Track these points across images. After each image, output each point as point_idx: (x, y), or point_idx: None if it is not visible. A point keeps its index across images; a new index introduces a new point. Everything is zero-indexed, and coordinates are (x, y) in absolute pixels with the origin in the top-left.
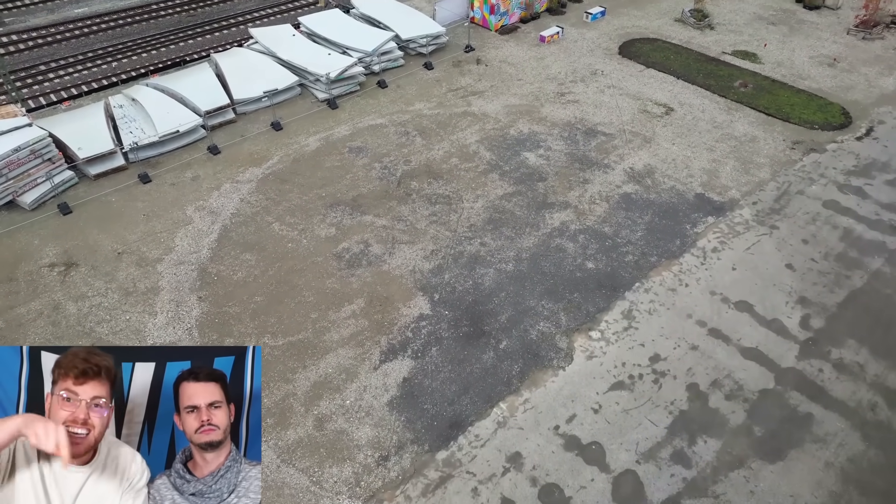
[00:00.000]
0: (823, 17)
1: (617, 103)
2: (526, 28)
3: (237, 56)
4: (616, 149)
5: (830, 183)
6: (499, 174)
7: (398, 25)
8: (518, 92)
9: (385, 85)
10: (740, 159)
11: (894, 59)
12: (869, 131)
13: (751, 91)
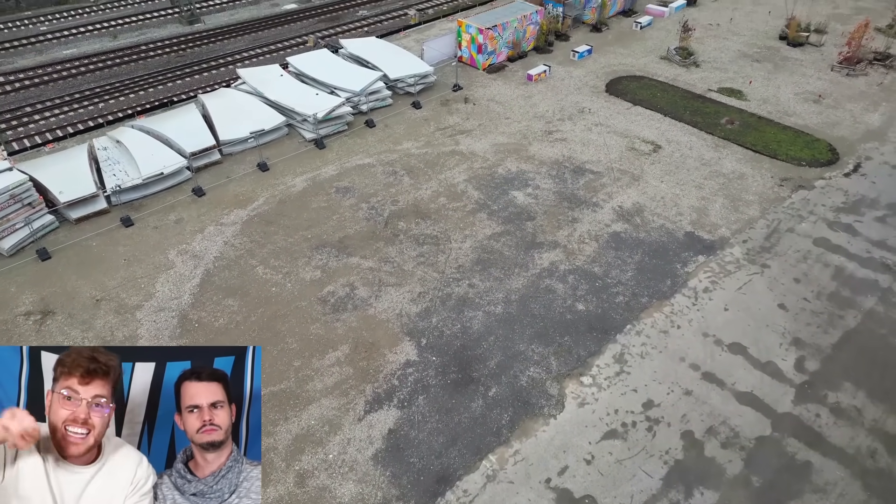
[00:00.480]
0: (807, 54)
1: (605, 141)
2: (513, 67)
3: (224, 96)
4: (604, 187)
5: (820, 220)
6: (487, 213)
7: (386, 65)
8: (506, 130)
9: (373, 124)
10: (729, 197)
11: (878, 95)
12: (856, 167)
13: (738, 128)
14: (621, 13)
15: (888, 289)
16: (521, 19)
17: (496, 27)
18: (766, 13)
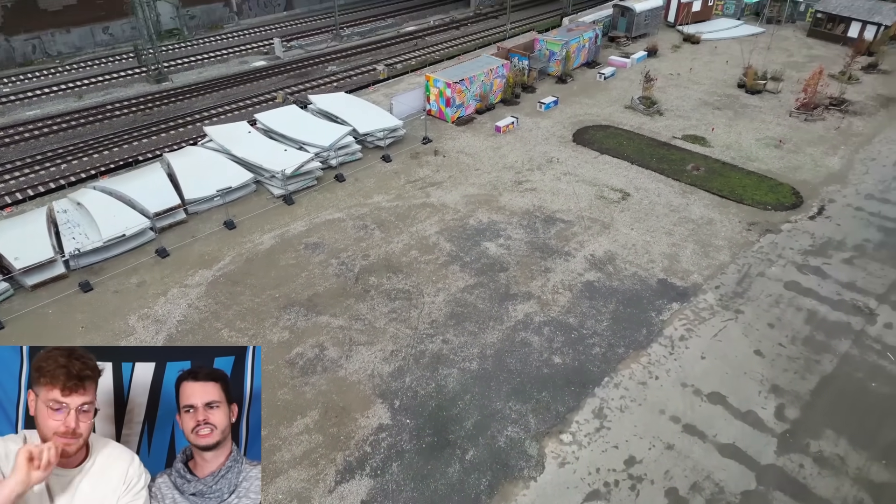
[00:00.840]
0: (765, 100)
1: (574, 190)
2: (482, 119)
3: (190, 155)
4: (576, 236)
5: (789, 264)
6: (459, 266)
7: (355, 120)
8: (476, 181)
9: (343, 179)
10: (699, 242)
11: (836, 139)
12: (821, 210)
13: (703, 174)
14: (585, 65)
15: (861, 331)
16: (487, 73)
17: (464, 81)
18: (724, 62)
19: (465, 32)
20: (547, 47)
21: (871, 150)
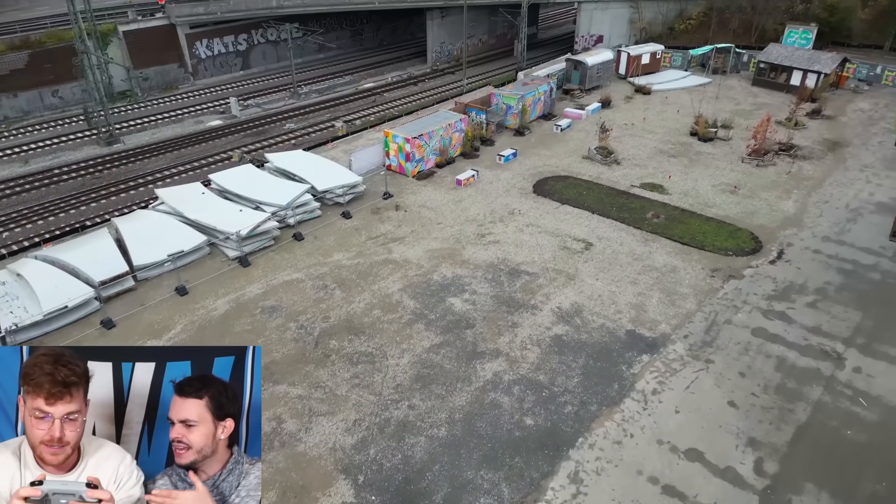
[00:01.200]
0: (718, 147)
1: (537, 241)
2: (442, 172)
3: (140, 219)
4: (541, 288)
5: (755, 309)
6: (424, 324)
7: (313, 177)
8: (439, 236)
9: (301, 237)
10: (664, 291)
11: (789, 183)
12: (780, 254)
13: (663, 221)
14: (541, 117)
15: (831, 377)
16: (446, 127)
17: (423, 136)
18: (676, 112)
19: (422, 88)
20: (503, 101)
21: (824, 193)
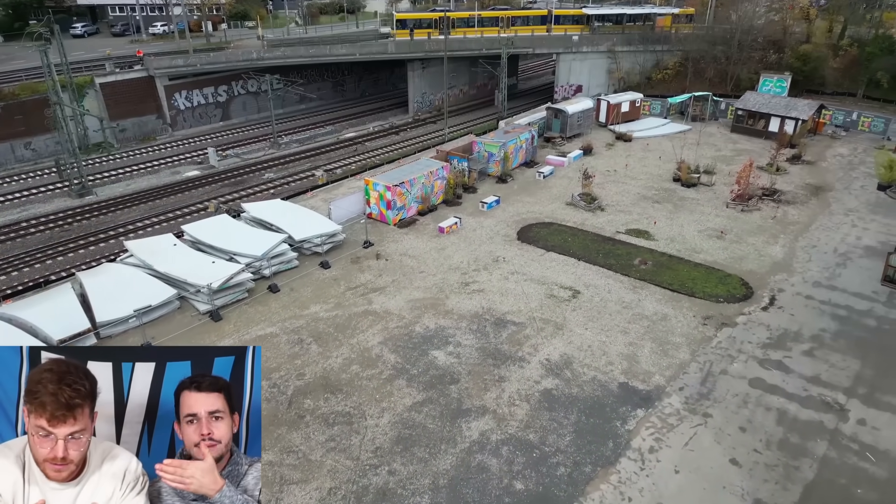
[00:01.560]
0: (701, 193)
1: (523, 290)
2: (424, 220)
3: (106, 272)
4: (528, 339)
5: (751, 359)
6: (406, 379)
7: (291, 226)
8: (421, 285)
9: (277, 289)
10: (656, 340)
11: (775, 228)
12: (772, 301)
13: (651, 268)
14: (524, 164)
15: (836, 430)
16: (427, 175)
17: (404, 184)
18: (657, 158)
19: (404, 137)
20: (485, 149)
21: (811, 238)
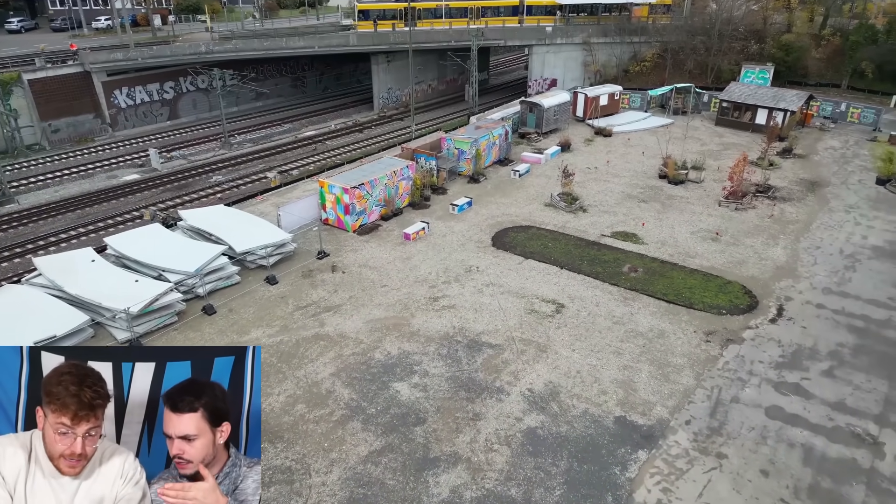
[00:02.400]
0: (690, 190)
1: (500, 304)
2: (388, 226)
3: (4, 296)
4: (507, 364)
5: (764, 382)
6: (361, 421)
7: (233, 236)
8: (383, 301)
9: (213, 311)
10: (655, 362)
11: (772, 227)
12: (780, 312)
13: (642, 276)
14: (497, 162)
15: (872, 470)
16: (391, 175)
17: (363, 185)
18: (640, 154)
19: (368, 135)
20: (455, 146)
21: (813, 238)
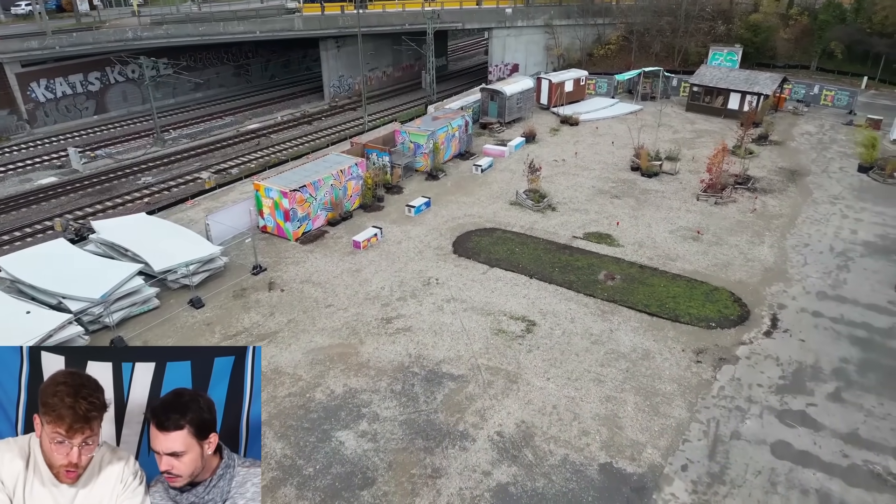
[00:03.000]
0: (665, 183)
1: (462, 324)
2: (335, 232)
3: None
4: (472, 400)
5: (766, 411)
6: (296, 485)
7: (153, 252)
8: (327, 325)
9: (123, 344)
10: (641, 390)
11: (757, 223)
12: (774, 322)
13: (620, 284)
14: (458, 156)
15: None
16: (337, 174)
17: (305, 187)
18: (610, 143)
19: (318, 127)
20: (410, 139)
21: (800, 234)
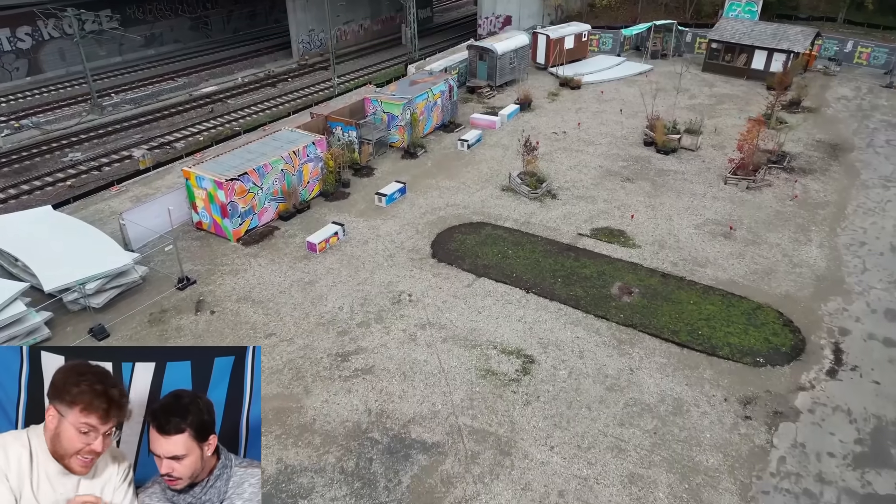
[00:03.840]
0: (685, 162)
1: (440, 362)
2: (288, 228)
3: None
4: (451, 486)
5: (844, 497)
6: None
7: (47, 263)
8: (265, 366)
9: None
10: (675, 465)
11: (800, 214)
12: (838, 356)
13: (639, 301)
14: (440, 128)
15: None
16: (289, 157)
17: (246, 175)
18: (618, 112)
19: (283, 90)
20: (383, 109)
21: (853, 230)
